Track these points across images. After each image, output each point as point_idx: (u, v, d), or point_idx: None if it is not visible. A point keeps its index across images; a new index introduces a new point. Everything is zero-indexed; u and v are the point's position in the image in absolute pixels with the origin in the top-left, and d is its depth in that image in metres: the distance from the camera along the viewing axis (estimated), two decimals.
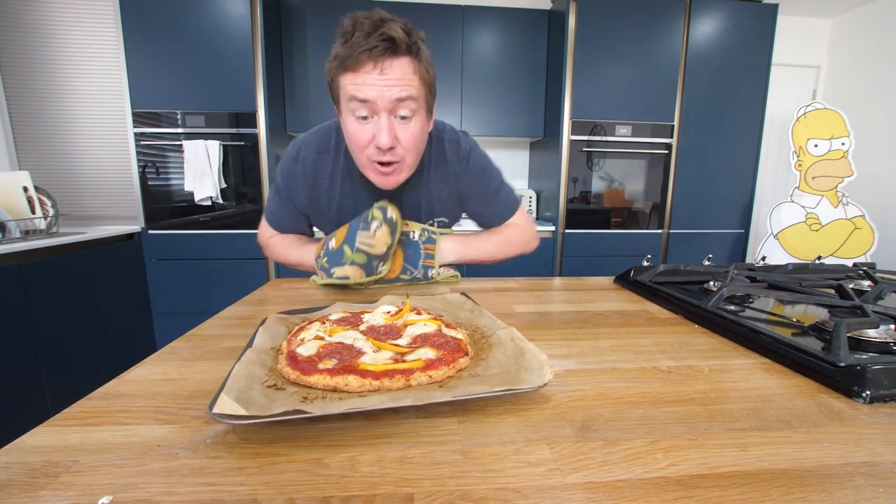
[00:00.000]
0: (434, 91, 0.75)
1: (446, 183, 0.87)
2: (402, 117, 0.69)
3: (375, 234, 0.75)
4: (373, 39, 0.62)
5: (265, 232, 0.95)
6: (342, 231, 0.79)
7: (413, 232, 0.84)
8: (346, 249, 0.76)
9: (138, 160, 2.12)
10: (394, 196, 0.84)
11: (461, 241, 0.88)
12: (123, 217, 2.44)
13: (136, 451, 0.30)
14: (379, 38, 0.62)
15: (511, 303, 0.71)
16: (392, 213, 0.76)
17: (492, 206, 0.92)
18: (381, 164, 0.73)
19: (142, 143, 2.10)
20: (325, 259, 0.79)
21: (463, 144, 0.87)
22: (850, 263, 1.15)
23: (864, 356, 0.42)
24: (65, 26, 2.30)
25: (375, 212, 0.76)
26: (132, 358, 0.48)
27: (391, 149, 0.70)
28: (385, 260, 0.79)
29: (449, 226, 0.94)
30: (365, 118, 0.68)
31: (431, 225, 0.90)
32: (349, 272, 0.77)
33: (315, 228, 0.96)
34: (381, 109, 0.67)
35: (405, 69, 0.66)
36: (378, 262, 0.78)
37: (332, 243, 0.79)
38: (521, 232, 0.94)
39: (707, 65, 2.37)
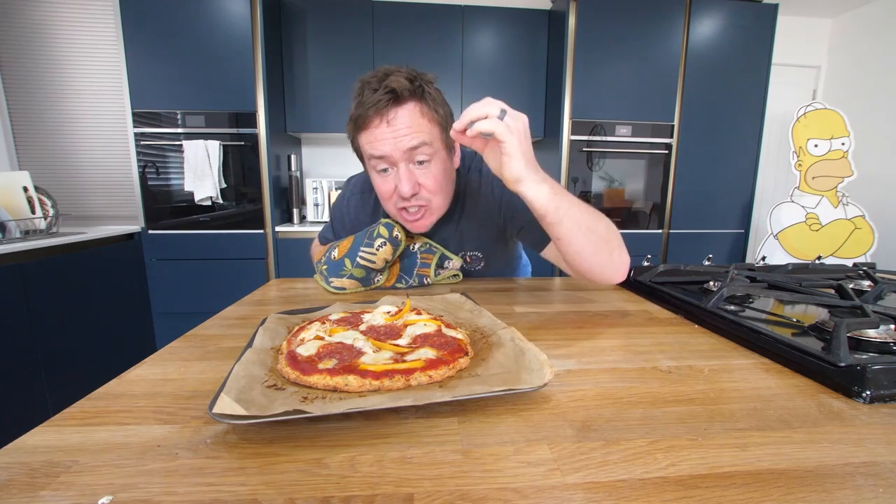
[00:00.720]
0: (447, 128, 0.73)
1: (478, 219, 0.84)
2: (420, 162, 0.70)
3: (378, 252, 0.76)
4: (377, 95, 0.65)
5: (314, 246, 1.02)
6: (346, 242, 0.80)
7: (414, 244, 0.84)
8: (347, 262, 0.77)
9: (138, 160, 2.12)
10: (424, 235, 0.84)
11: (555, 187, 0.58)
12: (123, 217, 2.44)
13: (136, 451, 0.30)
14: (383, 92, 0.65)
15: (511, 303, 0.71)
16: (397, 232, 0.77)
17: (532, 217, 0.70)
18: (409, 210, 0.75)
19: (142, 143, 2.10)
20: (325, 267, 0.80)
21: (485, 169, 0.82)
22: (850, 263, 1.15)
23: (864, 356, 0.42)
24: (65, 26, 2.30)
25: (381, 229, 0.77)
26: (132, 358, 0.48)
27: (415, 195, 0.72)
28: (382, 272, 0.81)
29: (483, 259, 0.89)
30: (385, 171, 0.71)
31: (463, 257, 0.88)
32: (346, 284, 0.78)
33: None
34: (397, 160, 0.69)
35: (412, 115, 0.67)
36: (375, 274, 0.80)
37: (335, 253, 0.80)
38: (613, 229, 0.65)
39: (707, 65, 2.37)
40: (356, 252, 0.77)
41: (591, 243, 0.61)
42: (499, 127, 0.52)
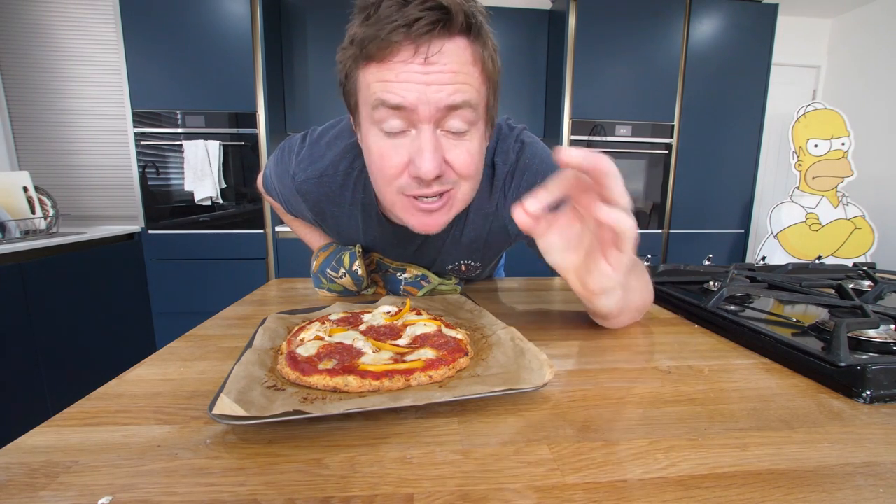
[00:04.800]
0: (498, 94, 0.52)
1: (486, 219, 0.64)
2: (455, 132, 0.47)
3: (341, 279, 0.71)
4: (412, 9, 0.41)
5: (261, 188, 0.81)
6: (323, 255, 0.74)
7: (399, 272, 0.75)
8: (322, 278, 0.74)
9: (138, 160, 2.12)
10: (413, 241, 0.66)
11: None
12: (123, 217, 2.44)
13: (136, 451, 0.30)
14: (422, 6, 0.41)
15: (511, 303, 0.71)
16: (357, 267, 0.69)
17: None
18: (425, 200, 0.50)
19: (142, 143, 2.10)
20: (311, 275, 0.78)
21: (512, 154, 0.61)
22: (850, 263, 1.15)
23: (864, 356, 0.42)
24: (65, 26, 2.30)
25: (345, 258, 0.69)
26: (132, 358, 0.48)
27: (438, 177, 0.48)
28: (367, 288, 0.76)
29: (482, 268, 0.75)
30: (398, 133, 0.46)
31: (457, 267, 0.73)
32: (328, 295, 0.76)
33: None
34: (422, 120, 0.44)
35: (462, 56, 0.44)
36: (356, 291, 0.75)
37: (314, 265, 0.76)
38: (651, 296, 0.59)
39: (707, 65, 2.37)
40: (325, 270, 0.73)
41: (630, 319, 0.57)
42: (632, 232, 0.36)
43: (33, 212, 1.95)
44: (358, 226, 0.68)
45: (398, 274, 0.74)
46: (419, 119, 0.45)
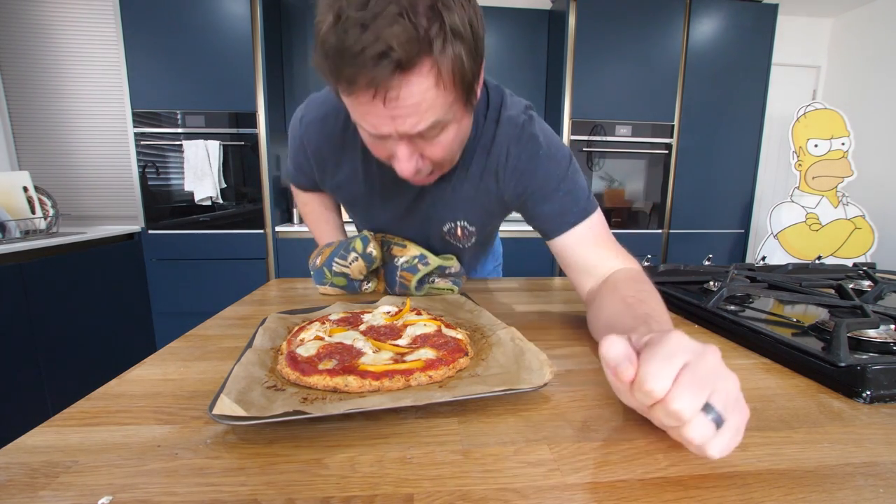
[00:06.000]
0: (473, 82, 0.50)
1: (484, 177, 0.66)
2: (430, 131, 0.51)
3: (350, 266, 0.73)
4: (368, 54, 0.40)
5: (294, 191, 0.87)
6: (328, 250, 0.77)
7: (398, 258, 0.76)
8: (326, 272, 0.76)
9: (138, 160, 2.12)
10: (412, 187, 0.68)
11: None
12: (123, 217, 2.44)
13: (136, 451, 0.30)
14: (374, 54, 0.40)
15: (511, 303, 0.71)
16: (372, 249, 0.72)
17: (550, 205, 0.63)
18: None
19: (142, 143, 2.10)
20: (313, 273, 0.79)
21: (507, 118, 0.66)
22: (850, 263, 1.15)
23: (864, 356, 0.42)
24: (65, 26, 2.30)
25: (357, 243, 0.73)
26: (132, 358, 0.48)
27: (417, 170, 0.55)
28: (369, 280, 0.78)
29: (476, 234, 0.74)
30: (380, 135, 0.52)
31: (452, 230, 0.73)
32: (330, 292, 0.77)
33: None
34: (397, 139, 0.50)
35: (422, 86, 0.44)
36: (360, 283, 0.77)
37: (318, 261, 0.78)
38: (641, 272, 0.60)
39: (707, 65, 2.37)
40: (332, 262, 0.75)
41: None
42: (712, 448, 0.26)
43: (33, 212, 1.95)
44: (359, 172, 0.69)
45: (396, 259, 0.76)
46: (395, 139, 0.50)
